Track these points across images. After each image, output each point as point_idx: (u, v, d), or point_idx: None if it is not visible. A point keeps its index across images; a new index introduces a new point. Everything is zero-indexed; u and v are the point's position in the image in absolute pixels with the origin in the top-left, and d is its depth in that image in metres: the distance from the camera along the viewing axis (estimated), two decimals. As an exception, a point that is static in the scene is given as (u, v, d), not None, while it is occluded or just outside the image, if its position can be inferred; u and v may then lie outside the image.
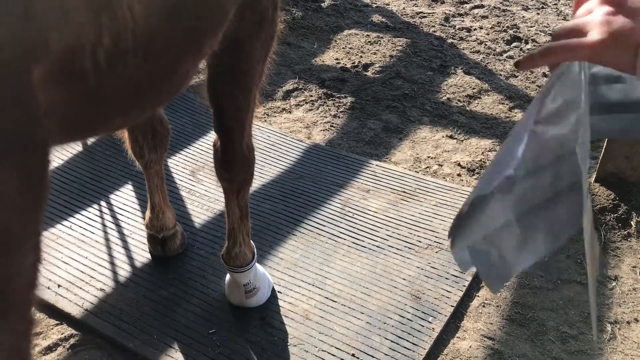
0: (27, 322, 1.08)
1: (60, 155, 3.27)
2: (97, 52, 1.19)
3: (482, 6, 5.10)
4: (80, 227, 2.79)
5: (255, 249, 2.34)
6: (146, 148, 2.36)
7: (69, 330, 2.30)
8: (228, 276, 2.38)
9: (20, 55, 0.94)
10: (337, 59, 4.35)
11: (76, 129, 1.44)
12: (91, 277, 2.52)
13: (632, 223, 2.78)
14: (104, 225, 2.81)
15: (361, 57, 4.32)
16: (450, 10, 5.01)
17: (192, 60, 1.63)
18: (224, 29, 1.68)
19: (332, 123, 3.63)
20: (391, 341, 2.25)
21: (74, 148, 3.34)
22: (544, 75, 4.18)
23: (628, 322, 2.35)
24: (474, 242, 0.98)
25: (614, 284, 2.52)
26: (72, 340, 2.25)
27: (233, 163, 2.10)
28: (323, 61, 4.33)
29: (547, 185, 0.99)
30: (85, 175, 3.13)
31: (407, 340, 2.26)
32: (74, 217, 2.85)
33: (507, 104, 3.86)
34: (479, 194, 0.95)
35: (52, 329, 2.31)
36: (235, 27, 1.73)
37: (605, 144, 2.97)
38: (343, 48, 4.45)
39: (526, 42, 4.59)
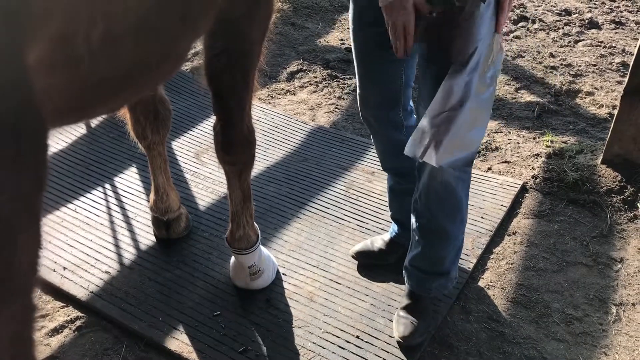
0: (29, 308, 1.07)
1: (64, 138, 3.27)
2: (90, 35, 1.17)
3: (488, -15, 5.03)
4: (85, 210, 2.80)
5: (259, 231, 2.34)
6: (148, 129, 2.35)
7: (75, 313, 2.31)
8: (233, 259, 2.38)
9: (16, 38, 0.93)
10: (341, 39, 4.32)
11: (70, 112, 1.43)
12: (96, 259, 2.53)
13: (639, 205, 2.76)
14: (108, 208, 2.81)
15: (366, 37, 4.28)
16: (456, -10, 4.94)
17: (185, 43, 1.61)
18: (217, 10, 1.66)
19: (337, 105, 3.61)
20: (395, 323, 2.25)
21: (78, 131, 3.34)
22: (551, 55, 4.13)
23: (633, 304, 2.35)
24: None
25: (619, 266, 2.51)
26: (78, 322, 2.27)
27: (233, 145, 2.09)
28: (327, 42, 4.29)
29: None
30: (89, 158, 3.13)
31: (412, 322, 2.26)
32: (79, 200, 2.85)
33: (513, 85, 3.83)
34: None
35: (58, 311, 2.32)
36: (230, 7, 1.71)
37: (612, 126, 2.94)
38: (348, 28, 4.40)
39: (533, 22, 4.54)
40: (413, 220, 2.12)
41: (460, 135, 1.78)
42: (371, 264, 2.47)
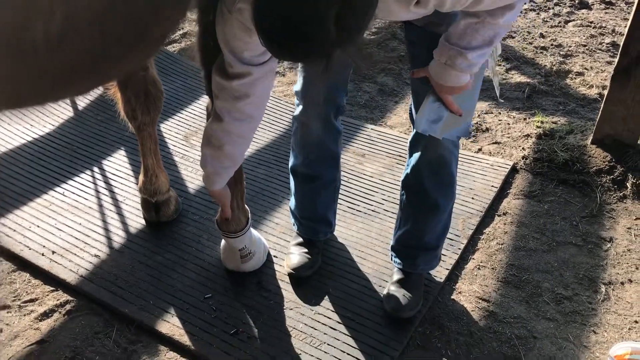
0: None
1: (51, 121, 3.23)
2: (49, 25, 1.14)
3: (479, -35, 4.99)
4: (73, 193, 2.77)
5: (249, 214, 2.32)
6: (139, 110, 2.32)
7: (65, 297, 2.30)
8: (223, 241, 2.37)
9: None
10: (331, 20, 4.27)
11: (29, 97, 1.40)
12: (86, 243, 2.51)
13: (628, 185, 2.77)
14: (97, 191, 2.79)
15: (356, 18, 4.24)
16: (446, -30, 4.90)
17: (156, 32, 1.57)
18: None
19: (327, 86, 3.58)
20: (387, 304, 2.26)
21: (65, 113, 3.29)
22: (542, 35, 4.12)
23: (622, 283, 2.36)
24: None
25: (608, 245, 2.53)
26: (68, 307, 2.25)
27: None
28: (317, 23, 4.25)
29: None
30: (77, 141, 3.10)
31: (403, 303, 2.26)
32: (67, 184, 2.83)
33: (504, 65, 3.81)
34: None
35: (47, 295, 2.30)
36: None
37: (602, 106, 2.94)
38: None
39: (524, 2, 4.51)
40: (403, 197, 2.13)
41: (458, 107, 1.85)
42: (309, 275, 2.36)
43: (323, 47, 1.18)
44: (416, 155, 2.01)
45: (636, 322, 2.21)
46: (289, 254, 2.39)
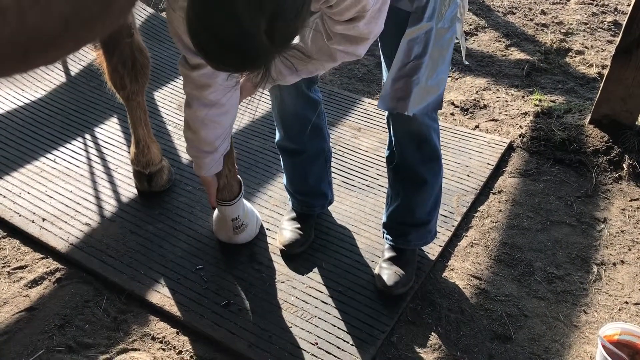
0: None
1: (42, 86, 3.18)
2: None
3: (482, -62, 4.90)
4: (64, 160, 2.73)
5: (242, 182, 2.30)
6: (127, 78, 2.27)
7: (55, 264, 2.28)
8: (216, 212, 2.35)
9: None
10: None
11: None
12: (76, 211, 2.48)
13: (624, 166, 2.76)
14: (88, 158, 2.75)
15: (355, -11, 4.17)
16: (448, -58, 4.81)
17: None
18: None
19: (324, 58, 3.53)
20: (379, 279, 2.25)
21: (57, 79, 3.24)
22: (543, 12, 4.07)
23: (614, 264, 2.36)
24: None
25: (602, 226, 2.52)
26: (57, 274, 2.24)
27: None
28: (316, -7, 4.18)
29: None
30: (69, 108, 3.05)
31: (395, 279, 2.26)
32: (58, 150, 2.79)
33: (503, 42, 3.77)
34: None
35: (37, 262, 2.29)
36: None
37: (601, 86, 2.91)
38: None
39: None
40: (390, 175, 2.11)
41: (426, 81, 1.81)
42: (302, 251, 2.35)
43: (257, 59, 1.19)
44: (394, 131, 1.99)
45: (627, 303, 2.22)
46: (281, 229, 2.37)
